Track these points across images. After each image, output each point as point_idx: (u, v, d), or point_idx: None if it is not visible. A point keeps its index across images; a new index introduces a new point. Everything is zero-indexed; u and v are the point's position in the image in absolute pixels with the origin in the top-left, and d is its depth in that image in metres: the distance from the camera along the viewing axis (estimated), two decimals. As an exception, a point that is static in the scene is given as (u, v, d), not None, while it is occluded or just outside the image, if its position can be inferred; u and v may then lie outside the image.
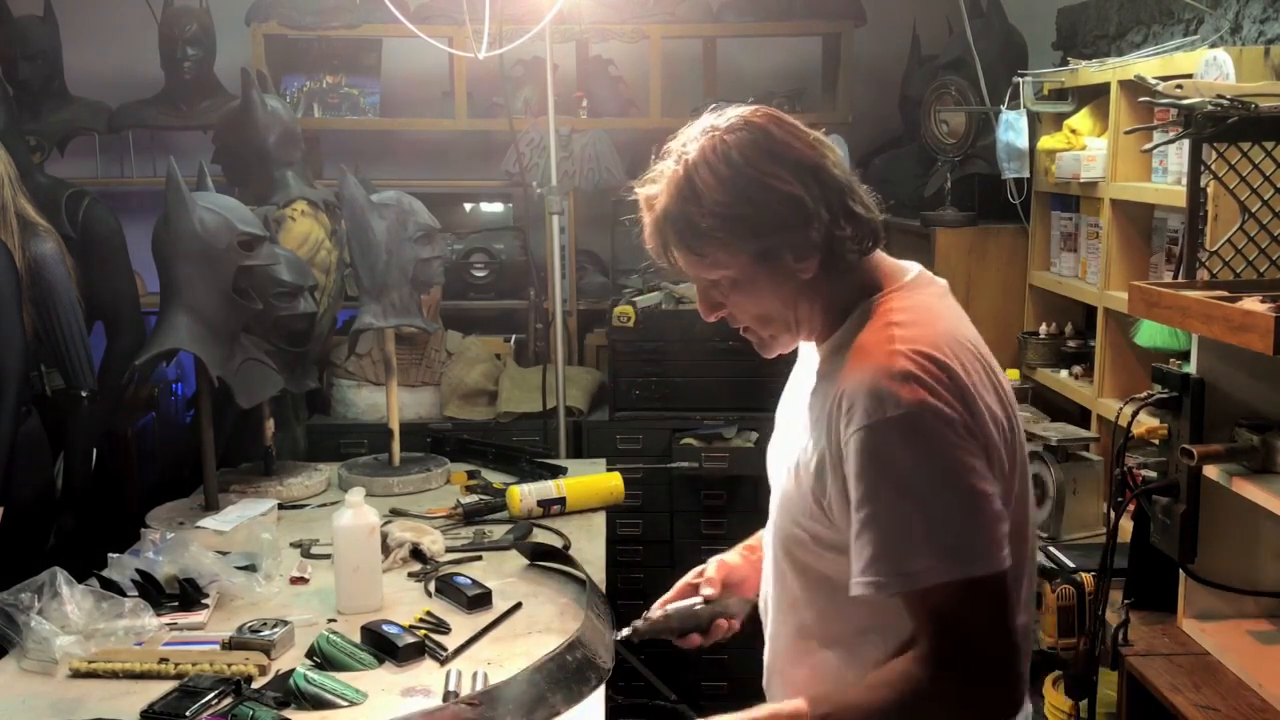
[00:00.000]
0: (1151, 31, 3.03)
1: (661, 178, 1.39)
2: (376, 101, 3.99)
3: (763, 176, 1.33)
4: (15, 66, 3.60)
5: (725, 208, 1.33)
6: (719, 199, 1.33)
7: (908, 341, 1.30)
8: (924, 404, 1.25)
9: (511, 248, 3.90)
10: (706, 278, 1.41)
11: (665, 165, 1.39)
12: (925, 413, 1.25)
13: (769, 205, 1.33)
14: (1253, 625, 2.06)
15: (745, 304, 1.42)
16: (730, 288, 1.40)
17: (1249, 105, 1.94)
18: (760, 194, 1.33)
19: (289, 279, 2.75)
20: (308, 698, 1.78)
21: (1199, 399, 1.95)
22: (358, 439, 3.46)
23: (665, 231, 1.38)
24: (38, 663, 1.93)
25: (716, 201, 1.33)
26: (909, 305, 1.37)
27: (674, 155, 1.39)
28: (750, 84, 4.10)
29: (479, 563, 2.41)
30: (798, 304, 1.41)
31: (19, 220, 2.79)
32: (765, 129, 1.36)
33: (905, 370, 1.26)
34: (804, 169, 1.35)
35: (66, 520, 2.91)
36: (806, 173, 1.35)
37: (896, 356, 1.28)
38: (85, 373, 2.91)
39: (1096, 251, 2.91)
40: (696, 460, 3.42)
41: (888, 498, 1.26)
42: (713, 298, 1.44)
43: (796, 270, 1.37)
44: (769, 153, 1.35)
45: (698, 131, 1.39)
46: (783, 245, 1.35)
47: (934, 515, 1.25)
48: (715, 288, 1.42)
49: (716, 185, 1.33)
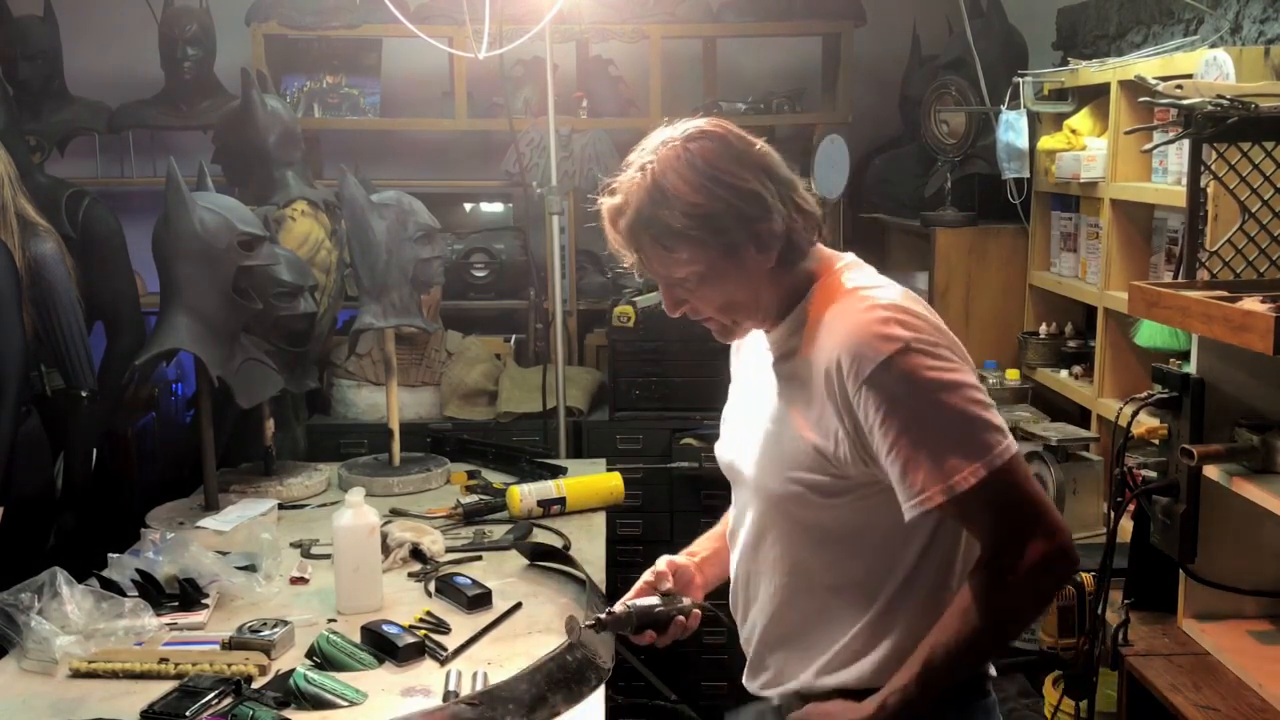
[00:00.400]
0: (1151, 31, 3.03)
1: (624, 188, 1.50)
2: (376, 101, 3.99)
3: (727, 176, 1.47)
4: (15, 66, 3.60)
5: (696, 207, 1.46)
6: (690, 200, 1.46)
7: (877, 299, 1.46)
8: (912, 339, 1.40)
9: (511, 248, 3.90)
10: (675, 275, 1.52)
11: (627, 176, 1.51)
12: (913, 344, 1.40)
13: (734, 202, 1.47)
14: (1253, 625, 2.06)
15: (711, 295, 1.54)
16: (697, 282, 1.52)
17: (1249, 105, 1.94)
18: (726, 192, 1.47)
19: (289, 279, 2.75)
20: (308, 698, 1.78)
21: (1199, 399, 1.95)
22: (358, 439, 3.46)
23: (638, 235, 1.50)
24: (38, 663, 1.93)
25: (688, 202, 1.46)
26: (862, 277, 1.54)
27: (635, 166, 1.50)
28: (750, 84, 4.11)
29: (479, 563, 2.41)
30: (760, 291, 1.53)
31: (19, 220, 2.79)
32: (723, 136, 1.50)
33: (885, 318, 1.42)
34: (760, 169, 1.50)
35: (66, 520, 2.90)
36: (762, 172, 1.49)
37: (874, 309, 1.44)
38: (85, 373, 2.91)
39: (1096, 251, 2.91)
40: (696, 460, 3.42)
41: (914, 425, 1.39)
42: (677, 294, 1.56)
43: (759, 260, 1.50)
44: (729, 155, 1.48)
45: (656, 144, 1.51)
46: (747, 238, 1.48)
47: (952, 428, 1.39)
48: (681, 285, 1.53)
49: (686, 188, 1.46)
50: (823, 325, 1.48)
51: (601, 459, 3.26)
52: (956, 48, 3.51)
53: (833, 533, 1.51)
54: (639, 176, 1.49)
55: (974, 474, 1.37)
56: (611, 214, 1.52)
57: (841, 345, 1.43)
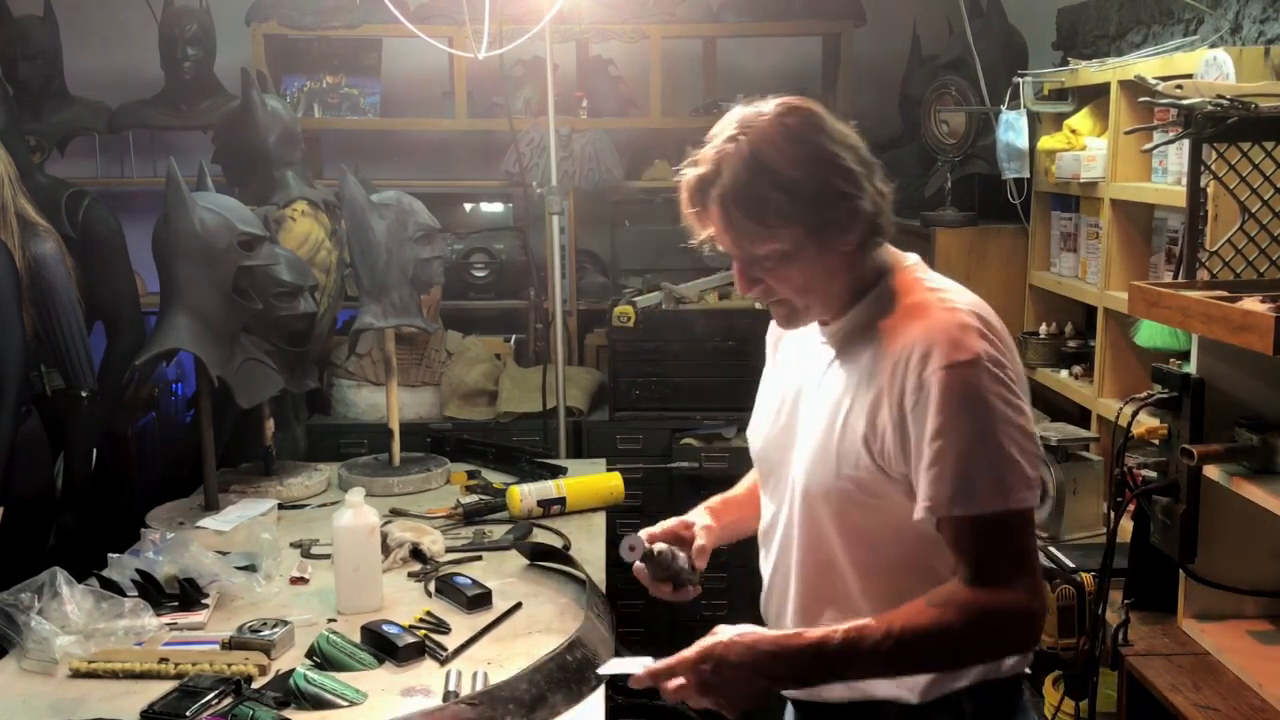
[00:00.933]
0: (1151, 31, 3.03)
1: (713, 159, 1.45)
2: (376, 101, 3.99)
3: (824, 153, 1.44)
4: (15, 66, 3.60)
5: (794, 182, 1.42)
6: (788, 174, 1.42)
7: (959, 304, 1.45)
8: (990, 354, 1.39)
9: (511, 248, 3.90)
10: (757, 251, 1.47)
11: (714, 147, 1.46)
12: (987, 361, 1.39)
13: (830, 179, 1.44)
14: (1253, 625, 2.06)
15: (790, 276, 1.49)
16: (778, 261, 1.47)
17: (1249, 105, 1.94)
18: (823, 169, 1.44)
19: (289, 279, 2.75)
20: (308, 698, 1.78)
21: (1199, 399, 1.95)
22: (358, 439, 3.46)
23: (728, 207, 1.44)
24: (38, 663, 1.93)
25: (786, 176, 1.42)
26: (936, 279, 1.53)
27: (722, 138, 1.46)
28: (750, 84, 4.08)
29: (479, 563, 2.41)
30: (834, 276, 1.50)
31: (19, 220, 2.79)
32: (817, 112, 1.47)
33: (967, 324, 1.41)
34: (851, 149, 1.47)
35: (66, 520, 2.90)
36: (853, 152, 1.47)
37: (958, 313, 1.43)
38: (85, 373, 2.91)
39: (1096, 251, 2.90)
40: (696, 460, 3.42)
41: (960, 433, 1.37)
42: (754, 273, 1.50)
43: (840, 243, 1.46)
44: (825, 132, 1.45)
45: (748, 117, 1.46)
46: (835, 218, 1.45)
47: (990, 459, 1.38)
48: (760, 263, 1.48)
49: (784, 161, 1.42)
50: (899, 320, 1.46)
51: (601, 459, 3.26)
52: (956, 48, 3.51)
53: (869, 535, 1.49)
54: (731, 147, 1.44)
55: (988, 505, 1.36)
56: (699, 184, 1.47)
57: (919, 339, 1.41)
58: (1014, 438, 1.38)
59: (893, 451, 1.43)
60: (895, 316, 1.47)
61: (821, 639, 1.40)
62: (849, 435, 1.47)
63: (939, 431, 1.38)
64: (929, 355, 1.39)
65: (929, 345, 1.40)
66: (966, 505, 1.37)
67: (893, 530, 1.46)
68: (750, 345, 3.42)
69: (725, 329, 3.47)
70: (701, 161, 1.47)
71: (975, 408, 1.37)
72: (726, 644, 1.42)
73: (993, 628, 1.38)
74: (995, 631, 1.39)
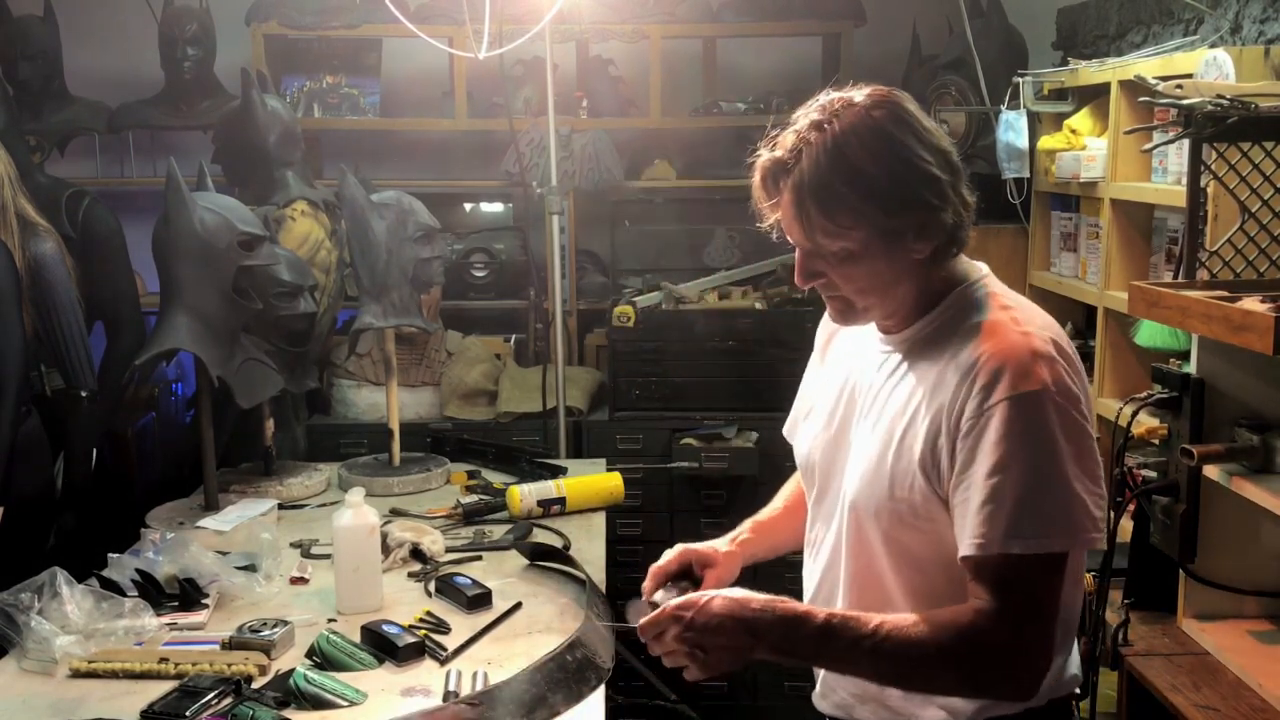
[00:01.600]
0: (1151, 31, 3.03)
1: (795, 143, 1.38)
2: (376, 101, 3.99)
3: (911, 156, 1.36)
4: (15, 66, 3.59)
5: (874, 181, 1.35)
6: (869, 172, 1.35)
7: (1033, 326, 1.38)
8: (1060, 384, 1.33)
9: (511, 248, 3.90)
10: (824, 247, 1.41)
11: (794, 134, 1.39)
12: (1058, 392, 1.32)
13: (912, 184, 1.36)
14: (1253, 625, 2.06)
15: (854, 275, 1.42)
16: (843, 259, 1.41)
17: (1249, 105, 1.94)
18: (907, 172, 1.36)
19: (289, 279, 2.75)
20: (308, 698, 1.78)
21: (1199, 399, 1.95)
22: (358, 439, 3.46)
23: (803, 197, 1.38)
24: (38, 663, 1.93)
25: (867, 174, 1.35)
26: (1011, 296, 1.45)
27: (808, 126, 1.38)
28: (750, 84, 4.10)
29: (479, 563, 2.41)
30: (902, 283, 1.43)
31: (19, 220, 2.79)
32: (909, 109, 1.40)
33: (1043, 351, 1.34)
34: (939, 152, 1.39)
35: (66, 520, 2.91)
36: (941, 156, 1.39)
37: (1032, 337, 1.36)
38: (85, 373, 2.91)
39: (1096, 251, 2.90)
40: (696, 460, 3.42)
41: (1021, 467, 1.30)
42: (816, 266, 1.44)
43: (912, 250, 1.40)
44: (913, 132, 1.38)
45: (835, 105, 1.39)
46: (910, 224, 1.38)
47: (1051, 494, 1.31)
48: (822, 258, 1.42)
49: (867, 158, 1.35)
50: (968, 338, 1.39)
51: (601, 459, 3.26)
52: (956, 48, 3.51)
53: (918, 559, 1.43)
54: (814, 136, 1.37)
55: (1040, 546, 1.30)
56: (774, 167, 1.40)
57: (986, 361, 1.35)
58: (1075, 474, 1.32)
59: (947, 475, 1.37)
60: (964, 334, 1.40)
61: (810, 611, 1.38)
62: (905, 455, 1.41)
63: (998, 466, 1.31)
64: (994, 382, 1.33)
65: (996, 370, 1.33)
66: (1020, 544, 1.30)
67: (945, 555, 1.39)
68: (750, 345, 3.44)
69: (725, 329, 3.46)
70: (780, 145, 1.40)
71: (1037, 443, 1.31)
72: (714, 595, 1.40)
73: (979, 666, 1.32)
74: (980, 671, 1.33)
